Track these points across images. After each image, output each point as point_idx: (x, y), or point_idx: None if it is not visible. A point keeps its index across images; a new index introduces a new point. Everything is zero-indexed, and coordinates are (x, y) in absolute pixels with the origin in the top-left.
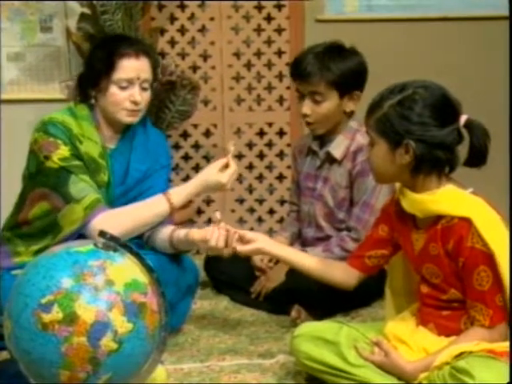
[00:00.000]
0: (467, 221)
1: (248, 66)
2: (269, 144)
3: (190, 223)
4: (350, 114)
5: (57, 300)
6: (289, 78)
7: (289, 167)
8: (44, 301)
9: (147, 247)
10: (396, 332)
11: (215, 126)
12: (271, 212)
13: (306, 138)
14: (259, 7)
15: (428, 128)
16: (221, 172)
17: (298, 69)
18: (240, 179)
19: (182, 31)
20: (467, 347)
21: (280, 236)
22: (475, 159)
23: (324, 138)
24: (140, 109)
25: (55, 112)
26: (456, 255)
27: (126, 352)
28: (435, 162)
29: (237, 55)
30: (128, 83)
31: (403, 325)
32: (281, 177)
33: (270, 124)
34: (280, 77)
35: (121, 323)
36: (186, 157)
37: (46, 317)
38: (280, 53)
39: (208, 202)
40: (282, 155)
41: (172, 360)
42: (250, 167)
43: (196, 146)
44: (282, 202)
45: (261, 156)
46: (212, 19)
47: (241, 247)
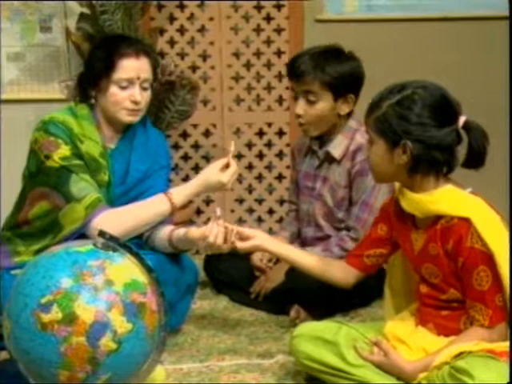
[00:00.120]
0: (467, 221)
1: (247, 66)
2: (268, 144)
3: (190, 223)
4: (347, 116)
5: (56, 300)
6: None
7: (288, 167)
8: (43, 301)
9: (146, 247)
10: (395, 332)
11: (214, 126)
12: (271, 212)
13: (305, 138)
14: (258, 7)
15: (426, 129)
16: (222, 172)
17: (293, 68)
18: (239, 179)
19: (182, 31)
20: (467, 347)
21: (280, 235)
22: (473, 161)
23: (323, 138)
24: (140, 108)
25: (55, 111)
26: (455, 255)
27: (126, 352)
28: (433, 163)
29: (236, 55)
30: (128, 83)
31: (402, 325)
32: (280, 177)
33: (270, 124)
34: (279, 77)
35: (120, 323)
36: (186, 157)
37: (46, 317)
38: (279, 53)
39: (207, 202)
40: (282, 155)
41: (171, 360)
42: (250, 167)
43: (195, 146)
44: (282, 202)
45: (260, 156)
46: (211, 19)
47: (239, 244)
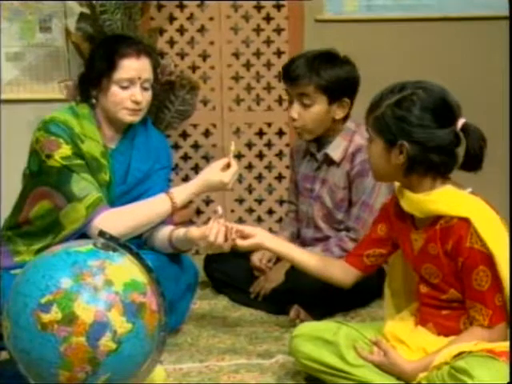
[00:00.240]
0: (466, 221)
1: (247, 66)
2: (268, 144)
3: (190, 223)
4: (343, 120)
5: (56, 300)
6: None
7: (288, 167)
8: (43, 301)
9: (146, 247)
10: (395, 332)
11: (214, 126)
12: (270, 212)
13: (303, 140)
14: (258, 7)
15: (423, 130)
16: (223, 171)
17: (288, 71)
18: (239, 179)
19: (181, 31)
20: (466, 347)
21: (279, 236)
22: (470, 164)
23: (321, 140)
24: (141, 108)
25: (56, 111)
26: (455, 255)
27: (125, 352)
28: (429, 164)
29: (236, 55)
30: (129, 83)
31: (402, 325)
32: (280, 177)
33: (269, 124)
34: (279, 77)
35: (120, 323)
36: (186, 157)
37: (45, 317)
38: (279, 53)
39: (207, 202)
40: (282, 155)
41: (171, 360)
42: (250, 167)
43: (195, 146)
44: (281, 202)
45: (260, 156)
46: (211, 19)
47: (240, 242)
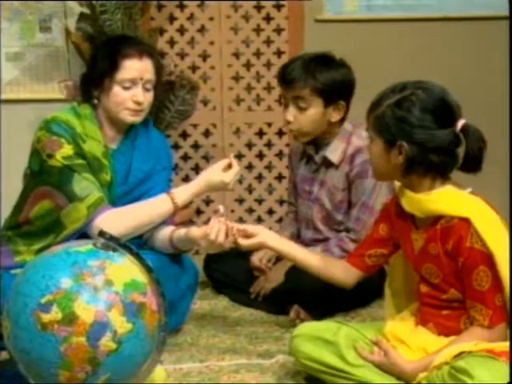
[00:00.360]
0: (466, 221)
1: (247, 66)
2: (268, 144)
3: (190, 223)
4: (340, 122)
5: (56, 300)
6: None
7: (288, 167)
8: (43, 301)
9: (147, 247)
10: (395, 332)
11: (214, 126)
12: (270, 212)
13: (299, 142)
14: (258, 7)
15: (423, 131)
16: (224, 172)
17: (284, 74)
18: (239, 179)
19: (182, 31)
20: (466, 347)
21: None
22: (469, 165)
23: (318, 142)
24: (143, 109)
25: (58, 111)
26: (455, 255)
27: (126, 352)
28: (429, 165)
29: (236, 55)
30: (131, 83)
31: (402, 325)
32: (280, 177)
33: (270, 124)
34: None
35: (120, 323)
36: (186, 157)
37: (45, 317)
38: (279, 53)
39: (207, 203)
40: (282, 155)
41: (171, 360)
42: (250, 167)
43: (195, 146)
44: (282, 202)
45: (260, 156)
46: (211, 19)
47: (243, 242)
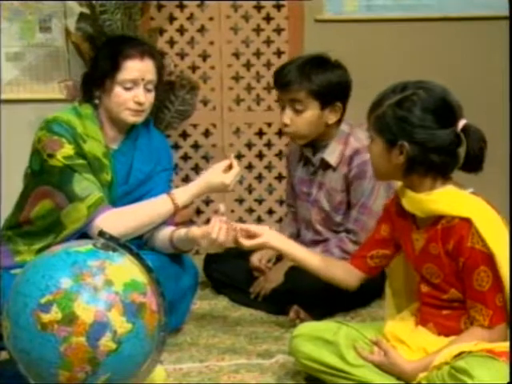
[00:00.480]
0: (467, 221)
1: (247, 66)
2: (268, 144)
3: (190, 223)
4: (336, 124)
5: (56, 300)
6: None
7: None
8: (43, 301)
9: (147, 247)
10: (395, 332)
11: (214, 126)
12: (270, 212)
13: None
14: (258, 7)
15: (424, 131)
16: (224, 173)
17: (279, 77)
18: (239, 179)
19: (181, 31)
20: (466, 347)
21: None
22: (470, 165)
23: (316, 144)
24: (144, 109)
25: (59, 111)
26: (456, 255)
27: (125, 352)
28: (429, 165)
29: (236, 55)
30: (132, 84)
31: (402, 324)
32: (280, 177)
33: (269, 124)
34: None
35: (120, 323)
36: (186, 157)
37: (45, 317)
38: (279, 53)
39: (207, 203)
40: (281, 155)
41: (171, 360)
42: (249, 167)
43: (195, 146)
44: (281, 202)
45: (260, 156)
46: (211, 19)
47: (247, 242)
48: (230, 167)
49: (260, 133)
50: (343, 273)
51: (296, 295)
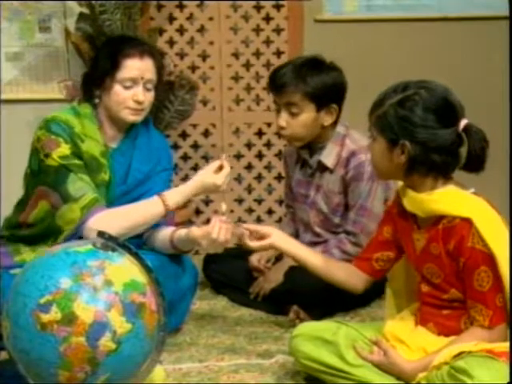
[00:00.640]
0: (468, 221)
1: (247, 66)
2: (267, 144)
3: (189, 223)
4: (332, 125)
5: (55, 300)
6: None
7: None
8: (42, 301)
9: (146, 247)
10: (395, 332)
11: (214, 126)
12: (270, 212)
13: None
14: (258, 7)
15: (425, 130)
16: (216, 174)
17: (275, 80)
18: (239, 179)
19: (181, 31)
20: (466, 347)
21: None
22: (472, 165)
23: (312, 146)
24: (143, 108)
25: (59, 111)
26: (457, 255)
27: (125, 352)
28: (431, 164)
29: (236, 55)
30: (132, 83)
31: (402, 324)
32: (279, 177)
33: (269, 124)
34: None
35: (120, 323)
36: (185, 157)
37: (45, 317)
38: (279, 53)
39: (207, 203)
40: (281, 155)
41: (171, 360)
42: (249, 167)
43: (195, 146)
44: (281, 202)
45: (259, 156)
46: (211, 19)
47: (254, 244)
48: (221, 168)
49: (259, 133)
50: (350, 277)
51: (295, 295)
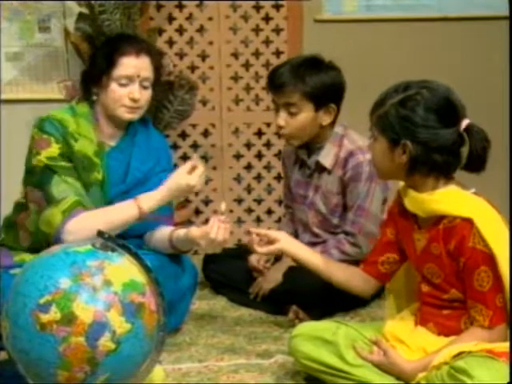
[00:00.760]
0: (469, 221)
1: (246, 66)
2: (267, 144)
3: (189, 223)
4: (331, 125)
5: (55, 300)
6: None
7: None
8: (42, 301)
9: (146, 247)
10: (395, 332)
11: (213, 126)
12: (269, 212)
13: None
14: (257, 7)
15: (427, 130)
16: (189, 174)
17: (273, 80)
18: (238, 179)
19: (181, 31)
20: (466, 347)
21: None
22: (473, 164)
23: (310, 146)
24: (139, 106)
25: (56, 110)
26: (457, 255)
27: (124, 352)
28: (432, 164)
29: (235, 55)
30: (128, 80)
31: (402, 324)
32: (279, 177)
33: (268, 124)
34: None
35: (119, 323)
36: (185, 157)
37: (44, 317)
38: (278, 53)
39: (206, 203)
40: (280, 155)
41: (170, 360)
42: (249, 167)
43: (194, 146)
44: (280, 202)
45: (259, 156)
46: (210, 19)
47: (262, 249)
48: (194, 168)
49: (259, 133)
50: (360, 281)
51: (295, 295)
